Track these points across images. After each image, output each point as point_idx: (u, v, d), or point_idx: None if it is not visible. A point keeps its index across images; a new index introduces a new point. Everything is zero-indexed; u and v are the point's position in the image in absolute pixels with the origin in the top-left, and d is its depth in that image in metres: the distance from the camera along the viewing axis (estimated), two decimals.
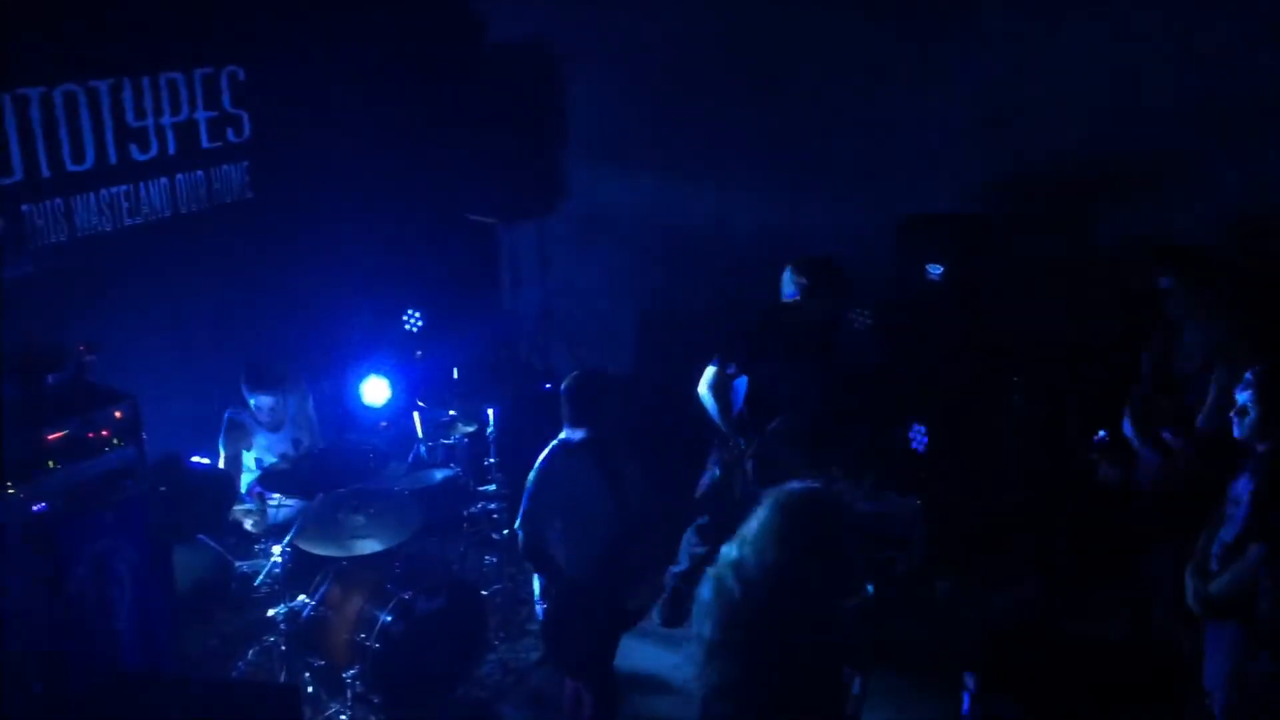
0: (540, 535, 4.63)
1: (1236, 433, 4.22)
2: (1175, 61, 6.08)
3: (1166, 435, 4.89)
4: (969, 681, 2.77)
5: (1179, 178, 6.20)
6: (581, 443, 4.72)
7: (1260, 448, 4.19)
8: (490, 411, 6.39)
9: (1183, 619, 4.55)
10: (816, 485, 3.54)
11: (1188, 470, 4.85)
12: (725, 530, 6.02)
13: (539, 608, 4.90)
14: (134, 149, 5.95)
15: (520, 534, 4.70)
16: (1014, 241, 6.67)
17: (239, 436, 5.90)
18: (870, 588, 3.57)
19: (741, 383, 5.89)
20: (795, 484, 3.49)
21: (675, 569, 6.32)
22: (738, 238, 7.45)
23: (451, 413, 6.52)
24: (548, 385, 7.62)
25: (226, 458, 5.88)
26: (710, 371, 5.80)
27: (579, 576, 4.68)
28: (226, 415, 5.90)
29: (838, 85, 7.04)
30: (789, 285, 5.89)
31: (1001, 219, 6.67)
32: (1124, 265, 6.25)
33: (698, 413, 5.95)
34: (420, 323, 7.31)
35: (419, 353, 7.26)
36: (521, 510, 4.67)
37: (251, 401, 5.79)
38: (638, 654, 6.12)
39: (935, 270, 6.59)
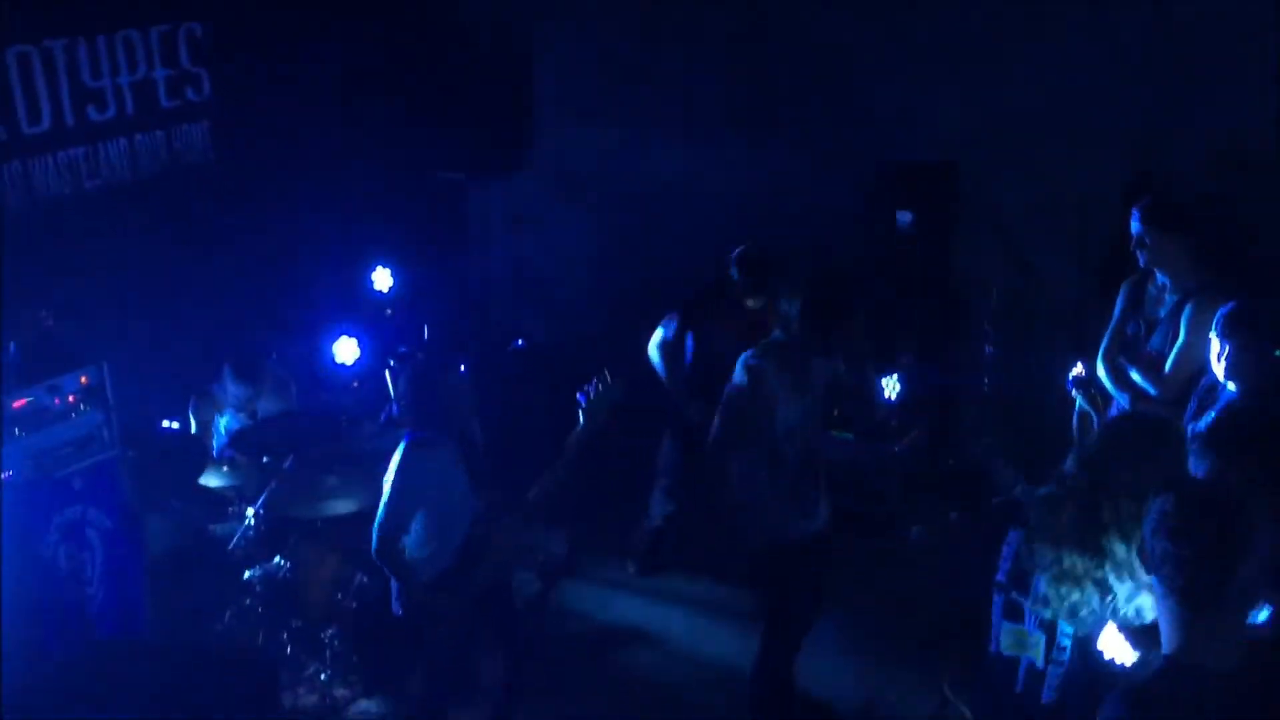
0: (398, 538, 4.51)
1: (1219, 375, 4.25)
2: (1148, 6, 6.07)
3: (1135, 374, 4.92)
4: None
5: (1151, 123, 6.21)
6: (429, 439, 4.53)
7: (1231, 388, 4.23)
8: (461, 369, 6.35)
9: None
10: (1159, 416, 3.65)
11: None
12: (685, 491, 6.13)
13: (395, 602, 4.70)
14: (91, 110, 5.84)
15: (377, 537, 4.45)
16: (984, 189, 6.68)
17: (210, 406, 5.85)
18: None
19: (689, 343, 5.97)
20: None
21: (650, 524, 6.38)
22: (710, 192, 7.41)
23: (391, 363, 6.48)
24: (519, 342, 7.60)
25: (198, 424, 5.83)
26: (658, 333, 6.00)
27: (439, 566, 4.57)
28: (201, 386, 5.86)
29: (810, 37, 7.00)
30: (732, 270, 5.89)
31: (971, 167, 6.67)
32: (1093, 211, 6.27)
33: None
34: (391, 281, 7.26)
35: (389, 312, 7.22)
36: (383, 513, 4.44)
37: (229, 387, 5.75)
38: (616, 608, 6.17)
39: (904, 218, 6.59)
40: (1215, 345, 4.24)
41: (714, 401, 5.58)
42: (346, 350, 6.61)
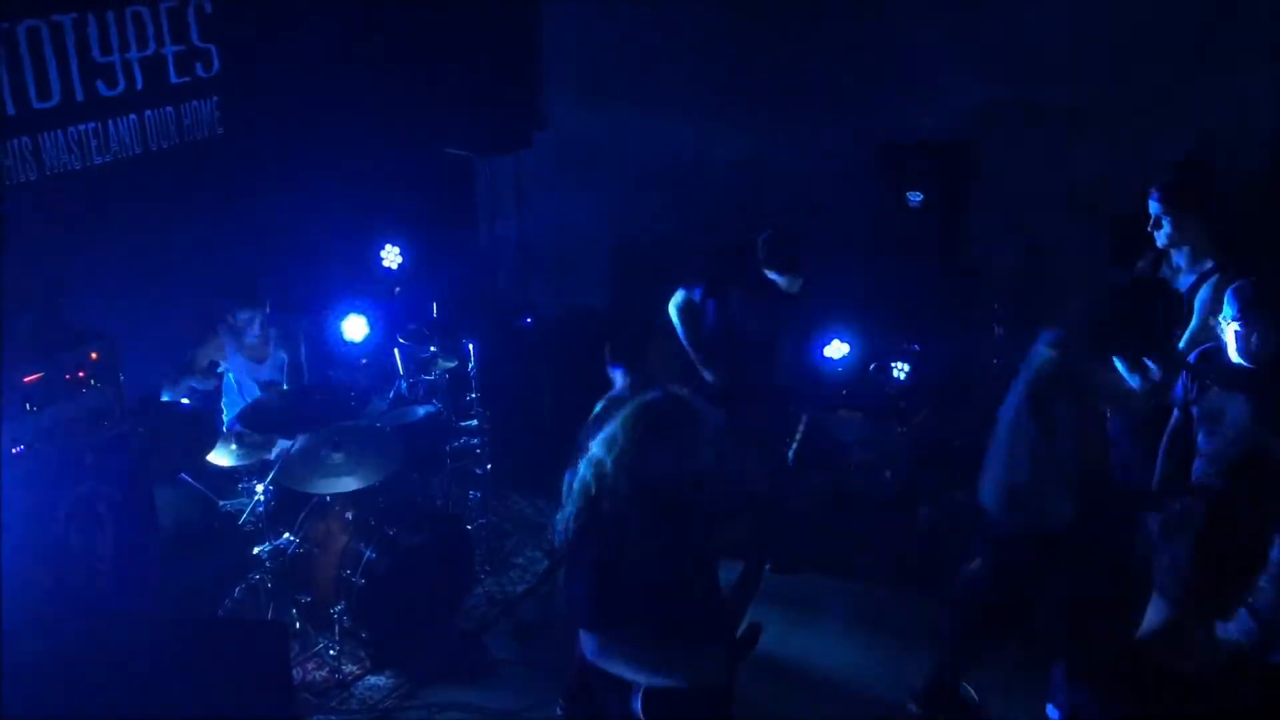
0: None
1: (1233, 355, 4.24)
2: None
3: (1147, 360, 4.91)
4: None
5: (1162, 103, 6.16)
6: (637, 386, 4.70)
7: (1247, 365, 4.22)
8: (471, 346, 6.36)
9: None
10: (668, 392, 3.64)
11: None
12: None
13: None
14: (101, 85, 5.82)
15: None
16: (996, 169, 6.65)
17: (213, 348, 5.86)
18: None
19: (711, 309, 6.00)
20: (650, 393, 3.58)
21: None
22: (718, 167, 7.39)
23: (432, 348, 6.49)
24: (528, 320, 7.59)
25: (198, 366, 5.81)
26: (679, 294, 6.01)
27: None
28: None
29: (820, 12, 6.95)
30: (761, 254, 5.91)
31: (983, 147, 6.63)
32: (1106, 192, 6.25)
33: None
34: (399, 258, 7.25)
35: (398, 289, 7.21)
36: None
37: (236, 314, 5.77)
38: None
39: (915, 198, 6.57)
40: (1232, 324, 4.22)
41: (730, 366, 5.66)
42: (355, 328, 6.61)
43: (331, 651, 5.48)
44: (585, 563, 3.48)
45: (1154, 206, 4.85)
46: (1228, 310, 4.24)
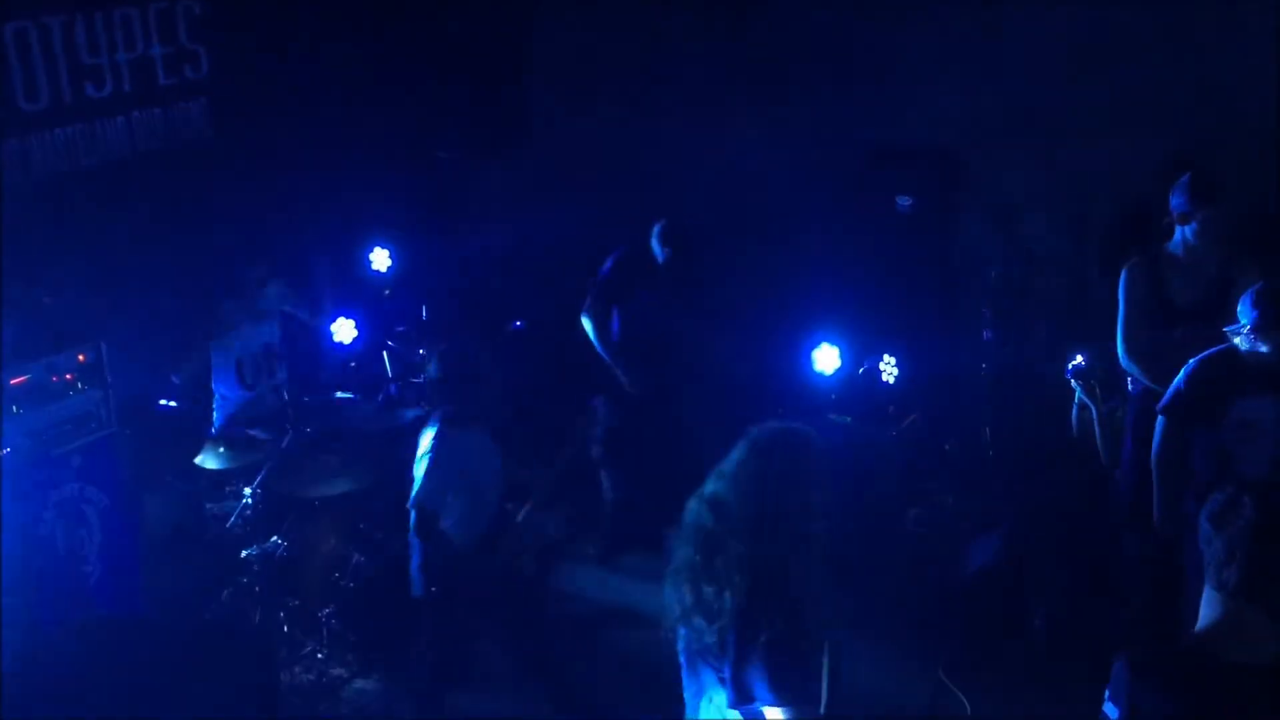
0: (436, 512, 4.56)
1: (1253, 347, 4.21)
2: None
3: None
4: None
5: (1148, 111, 6.19)
6: (462, 418, 4.65)
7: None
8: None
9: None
10: (791, 424, 3.49)
11: None
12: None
13: (417, 579, 4.79)
14: (89, 87, 5.81)
15: (413, 512, 4.54)
16: (984, 173, 6.67)
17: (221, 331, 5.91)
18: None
19: (618, 312, 6.12)
20: (771, 422, 3.45)
21: (605, 509, 6.46)
22: (708, 173, 7.40)
23: (421, 351, 6.49)
24: (517, 324, 7.60)
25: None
26: (586, 302, 6.16)
27: (465, 546, 4.65)
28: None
29: (809, 19, 6.97)
30: (655, 245, 6.08)
31: (972, 151, 6.66)
32: (1093, 195, 6.27)
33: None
34: (389, 261, 7.24)
35: (387, 291, 7.21)
36: (420, 488, 4.53)
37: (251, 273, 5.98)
38: (612, 587, 6.19)
39: (904, 202, 6.59)
40: (1251, 330, 4.18)
41: (652, 371, 5.63)
42: (344, 330, 6.61)
43: (319, 655, 5.46)
44: (770, 631, 3.03)
45: (1177, 201, 4.80)
46: (1244, 316, 4.21)
